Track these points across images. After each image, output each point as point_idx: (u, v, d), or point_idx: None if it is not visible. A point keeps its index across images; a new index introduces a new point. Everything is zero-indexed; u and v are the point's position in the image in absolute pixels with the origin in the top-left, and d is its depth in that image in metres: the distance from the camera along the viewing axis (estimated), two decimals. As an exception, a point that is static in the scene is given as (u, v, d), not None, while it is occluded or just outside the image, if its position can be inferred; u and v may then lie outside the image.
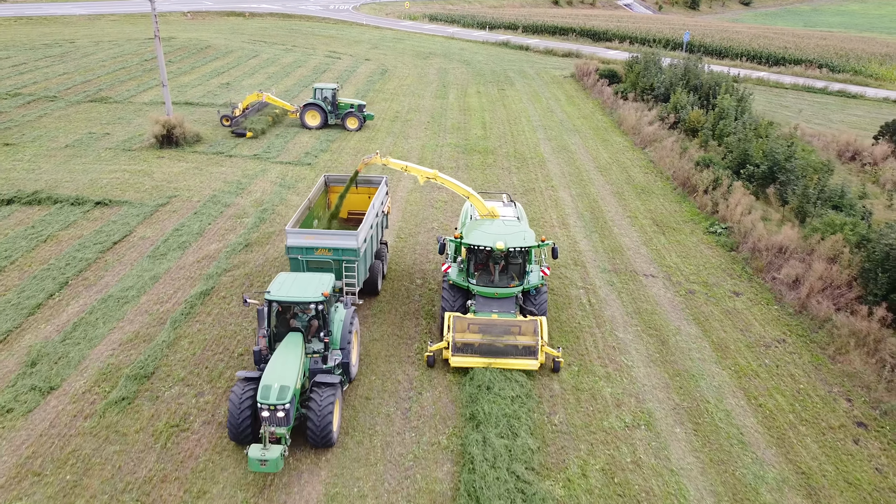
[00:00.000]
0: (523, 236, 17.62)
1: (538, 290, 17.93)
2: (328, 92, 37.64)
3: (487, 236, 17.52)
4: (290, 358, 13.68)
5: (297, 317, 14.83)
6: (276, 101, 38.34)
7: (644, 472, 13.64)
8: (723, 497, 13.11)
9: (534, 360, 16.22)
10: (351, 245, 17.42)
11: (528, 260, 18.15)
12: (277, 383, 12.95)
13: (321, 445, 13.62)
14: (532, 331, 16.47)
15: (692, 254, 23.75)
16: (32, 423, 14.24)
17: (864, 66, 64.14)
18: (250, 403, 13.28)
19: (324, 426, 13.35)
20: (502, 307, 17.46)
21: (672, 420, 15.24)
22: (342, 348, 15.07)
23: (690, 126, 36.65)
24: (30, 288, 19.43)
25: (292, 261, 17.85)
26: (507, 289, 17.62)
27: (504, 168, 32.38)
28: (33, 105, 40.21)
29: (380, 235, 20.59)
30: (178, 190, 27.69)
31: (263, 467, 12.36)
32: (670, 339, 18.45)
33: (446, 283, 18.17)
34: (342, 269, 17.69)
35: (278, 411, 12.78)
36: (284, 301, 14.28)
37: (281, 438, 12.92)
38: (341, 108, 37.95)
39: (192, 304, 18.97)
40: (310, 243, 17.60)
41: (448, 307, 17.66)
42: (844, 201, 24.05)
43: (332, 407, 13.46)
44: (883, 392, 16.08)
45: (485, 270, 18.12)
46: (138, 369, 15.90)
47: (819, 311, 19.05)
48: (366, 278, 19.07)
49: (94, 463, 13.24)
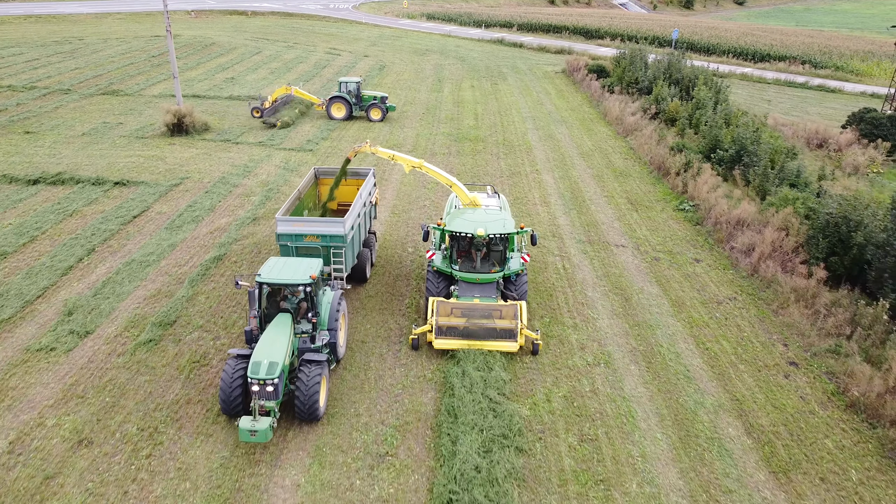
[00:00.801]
0: (503, 224, 18.44)
1: (518, 275, 18.77)
2: (352, 85, 39.97)
3: (469, 223, 18.33)
4: (279, 336, 14.33)
5: (286, 299, 15.48)
6: (303, 95, 40.76)
7: (600, 399, 15.88)
8: (666, 417, 15.36)
9: (513, 342, 17.02)
10: (338, 232, 18.09)
11: (510, 247, 19.06)
12: (267, 359, 13.62)
13: (308, 419, 14.34)
14: (512, 315, 17.22)
15: (661, 228, 26.01)
16: (73, 360, 16.48)
17: (847, 62, 66.42)
18: (241, 379, 14.00)
19: (311, 401, 14.03)
20: (484, 292, 18.16)
21: (628, 360, 17.48)
22: (330, 329, 15.77)
23: (670, 116, 38.91)
24: (61, 254, 21.67)
25: (282, 247, 18.46)
26: (489, 274, 18.34)
27: (493, 154, 34.63)
28: (49, 97, 42.43)
29: (368, 225, 21.28)
30: (189, 172, 29.93)
31: (253, 437, 13.06)
32: (633, 297, 20.69)
33: (430, 270, 18.90)
34: (330, 255, 18.37)
35: (267, 386, 13.47)
36: (274, 283, 14.92)
37: (270, 411, 13.60)
38: (365, 100, 40.28)
39: (207, 267, 21.21)
40: (299, 230, 18.23)
41: (432, 293, 18.37)
42: (800, 180, 26.28)
43: (319, 383, 14.14)
44: (815, 337, 18.33)
45: (467, 257, 18.87)
46: (162, 318, 18.15)
47: (767, 273, 21.31)
48: (354, 265, 19.76)
49: (128, 389, 15.48)
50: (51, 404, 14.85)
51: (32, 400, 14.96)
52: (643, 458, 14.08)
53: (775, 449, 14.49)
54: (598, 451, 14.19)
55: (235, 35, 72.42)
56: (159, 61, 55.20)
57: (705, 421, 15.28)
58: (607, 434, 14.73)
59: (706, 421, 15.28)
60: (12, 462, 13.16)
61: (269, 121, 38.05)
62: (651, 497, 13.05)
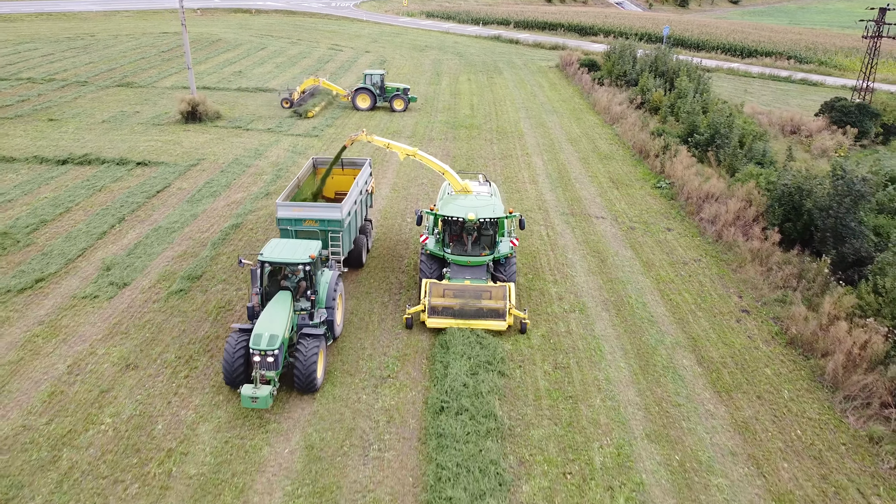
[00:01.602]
0: (493, 209, 19.29)
1: (508, 259, 19.64)
2: (377, 77, 42.50)
3: (460, 208, 19.20)
4: (279, 311, 15.11)
5: (287, 278, 16.34)
6: (330, 86, 43.35)
7: (573, 337, 18.30)
8: (629, 352, 17.77)
9: (502, 321, 17.86)
10: (335, 216, 18.91)
11: (500, 232, 20.10)
12: (268, 332, 14.41)
13: (306, 390, 15.15)
14: (501, 296, 18.02)
15: (638, 202, 28.43)
16: (114, 305, 18.89)
17: (831, 58, 68.83)
18: (243, 351, 14.83)
19: (308, 372, 14.82)
20: (474, 274, 19.01)
21: (600, 308, 19.90)
22: (328, 307, 16.59)
23: (653, 105, 41.33)
24: (95, 222, 24.08)
25: (283, 231, 19.24)
26: (479, 257, 19.19)
27: (486, 140, 37.06)
28: (67, 89, 44.85)
29: (364, 213, 22.07)
30: (205, 155, 32.35)
31: (254, 404, 13.92)
32: (609, 259, 23.11)
33: (424, 253, 19.69)
34: (328, 239, 19.10)
35: (268, 356, 14.30)
36: (276, 262, 15.72)
37: (270, 381, 14.46)
38: (388, 92, 42.79)
39: (227, 233, 23.63)
40: (298, 215, 19.02)
41: (426, 275, 19.17)
42: (766, 159, 28.70)
43: (317, 355, 14.95)
44: (766, 290, 20.75)
45: (459, 241, 19.74)
46: (189, 272, 20.57)
47: (730, 238, 23.74)
48: (351, 249, 20.47)
49: (164, 327, 17.90)
50: (99, 338, 17.27)
51: (83, 335, 17.38)
52: (607, 381, 16.49)
53: (721, 375, 16.91)
54: (569, 376, 16.61)
55: (241, 32, 74.86)
56: (169, 56, 57.64)
57: (663, 354, 17.69)
58: (577, 363, 17.14)
59: (664, 354, 17.70)
60: (72, 380, 15.58)
61: (298, 110, 40.63)
62: (611, 409, 15.46)
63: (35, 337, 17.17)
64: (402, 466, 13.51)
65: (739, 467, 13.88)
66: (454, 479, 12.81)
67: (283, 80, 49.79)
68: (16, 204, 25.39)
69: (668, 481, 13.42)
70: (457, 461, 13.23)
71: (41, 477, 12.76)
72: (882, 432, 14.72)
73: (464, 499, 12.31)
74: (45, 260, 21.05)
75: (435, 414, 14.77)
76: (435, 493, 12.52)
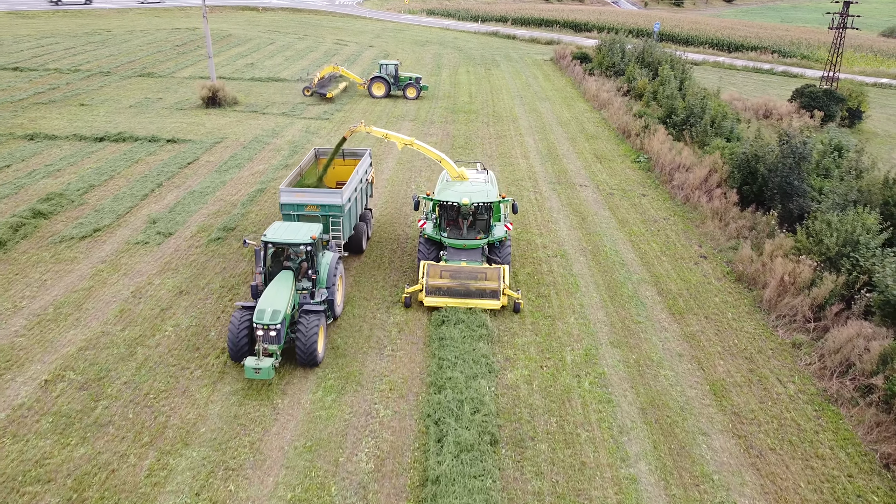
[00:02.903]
0: (486, 194, 20.15)
1: (502, 242, 20.47)
2: (391, 67, 45.80)
3: (456, 194, 20.09)
4: (282, 289, 15.81)
5: (289, 259, 17.08)
6: (348, 74, 46.69)
7: (553, 275, 21.55)
8: (601, 286, 21.02)
9: (496, 301, 18.71)
10: (336, 202, 19.63)
11: (494, 217, 20.96)
12: (271, 307, 15.12)
13: (308, 365, 15.85)
14: (496, 277, 18.84)
15: (618, 173, 31.71)
16: (162, 249, 22.14)
17: (813, 52, 72.08)
18: (247, 327, 15.47)
19: (310, 346, 15.47)
20: (470, 257, 19.90)
21: (578, 254, 23.16)
22: (328, 287, 17.25)
23: (638, 92, 44.60)
24: (136, 187, 27.32)
25: (285, 216, 19.97)
26: (475, 241, 20.07)
27: (483, 122, 40.34)
28: (92, 79, 48.08)
29: (364, 201, 22.69)
30: (227, 134, 35.61)
31: (257, 375, 14.72)
32: (588, 217, 26.37)
33: (422, 237, 20.64)
34: (329, 224, 19.84)
35: (271, 330, 14.96)
36: (278, 243, 16.37)
37: (272, 354, 15.17)
38: (402, 81, 46.07)
39: (253, 196, 26.87)
40: (301, 200, 19.72)
41: (423, 257, 20.13)
42: (733, 135, 31.97)
43: (318, 331, 15.61)
44: (722, 240, 24.03)
45: (455, 225, 20.66)
46: (224, 225, 23.81)
47: (695, 200, 27.00)
48: (351, 235, 21.21)
49: (207, 265, 21.14)
50: (154, 273, 20.53)
51: (140, 271, 20.63)
52: (581, 306, 19.74)
53: (677, 302, 20.17)
54: (549, 302, 19.86)
55: (249, 28, 78.14)
56: (183, 50, 60.92)
57: (629, 288, 20.95)
58: (556, 293, 20.40)
59: (630, 287, 20.95)
60: (137, 301, 18.83)
61: (319, 92, 44.05)
62: (582, 325, 18.72)
63: (100, 272, 20.44)
64: (412, 361, 16.76)
65: (684, 364, 17.13)
66: (453, 366, 16.07)
67: (293, 71, 53.08)
68: (64, 172, 28.64)
69: (624, 372, 16.68)
70: (455, 355, 16.49)
71: (123, 365, 16.02)
72: (803, 340, 17.99)
73: (460, 379, 15.55)
74: (98, 215, 24.30)
75: (437, 326, 18.03)
76: (437, 376, 15.78)
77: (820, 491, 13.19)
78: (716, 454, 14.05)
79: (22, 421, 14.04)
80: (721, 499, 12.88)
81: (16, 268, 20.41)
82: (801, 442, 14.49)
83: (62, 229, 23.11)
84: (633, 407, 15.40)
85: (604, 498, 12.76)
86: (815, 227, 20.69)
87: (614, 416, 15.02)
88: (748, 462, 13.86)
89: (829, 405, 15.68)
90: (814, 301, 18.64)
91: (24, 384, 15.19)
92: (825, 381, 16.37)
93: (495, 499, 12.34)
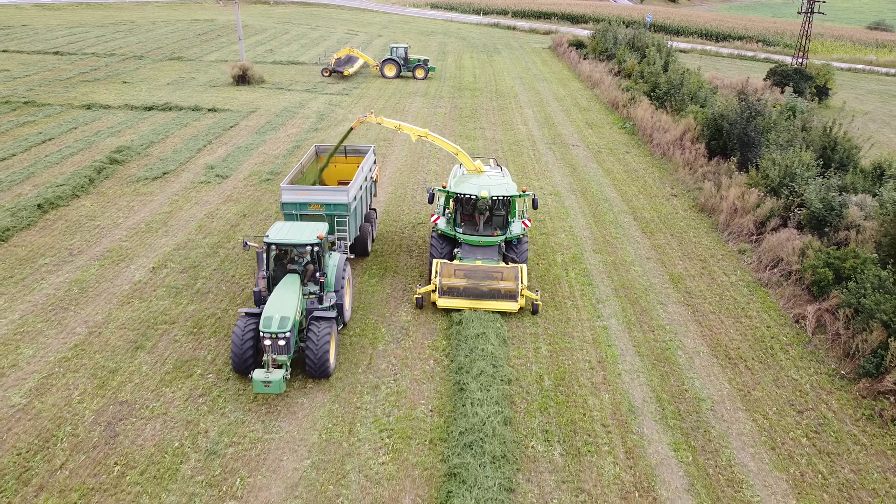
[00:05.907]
0: (506, 187, 19.04)
1: (520, 240, 19.36)
2: (401, 50, 50.30)
3: (473, 186, 18.86)
4: (288, 294, 14.46)
5: (294, 261, 15.66)
6: (362, 56, 51.13)
7: (548, 207, 25.99)
8: (587, 213, 25.47)
9: (514, 302, 17.57)
10: (342, 200, 18.29)
11: (511, 213, 19.74)
12: (278, 314, 13.75)
13: (319, 376, 14.47)
14: (513, 277, 17.71)
15: (606, 137, 36.20)
16: (223, 187, 26.59)
17: (796, 41, 76.47)
18: (252, 335, 14.15)
19: (321, 357, 14.18)
20: (486, 255, 18.73)
21: (569, 192, 27.62)
22: (336, 291, 15.85)
23: (627, 72, 49.05)
24: (190, 143, 31.76)
25: (287, 216, 18.61)
26: (491, 238, 18.89)
27: (487, 98, 44.81)
28: (127, 62, 52.53)
29: (369, 201, 21.51)
30: (259, 105, 40.07)
31: (267, 388, 13.32)
32: (579, 168, 30.85)
33: (435, 233, 19.33)
34: (334, 224, 18.56)
35: (279, 340, 13.60)
36: (282, 244, 15.04)
37: (282, 365, 13.82)
38: (411, 62, 50.58)
39: (291, 150, 31.33)
40: (304, 199, 18.37)
41: (436, 255, 18.89)
42: (707, 102, 36.45)
43: (329, 339, 14.29)
44: (691, 183, 28.53)
45: (470, 221, 19.54)
46: (271, 170, 28.28)
47: (670, 154, 31.49)
48: (356, 236, 19.92)
49: (262, 198, 25.59)
50: (220, 202, 24.98)
51: (207, 201, 25.07)
52: (570, 227, 24.19)
53: (649, 225, 24.65)
54: (544, 224, 24.31)
55: (263, 20, 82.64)
56: (206, 38, 65.41)
57: (611, 216, 25.41)
58: (550, 218, 24.86)
59: (611, 216, 25.41)
60: (210, 220, 23.27)
61: (338, 69, 48.72)
62: (570, 238, 23.16)
63: (176, 201, 24.90)
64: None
65: (651, 264, 21.59)
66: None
67: (310, 56, 57.54)
68: (125, 133, 33.09)
69: (603, 268, 21.14)
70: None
71: (210, 259, 20.47)
72: (747, 247, 22.47)
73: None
74: (164, 163, 28.75)
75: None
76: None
77: (744, 336, 17.64)
78: (669, 315, 18.51)
79: (143, 290, 18.52)
80: (670, 339, 17.34)
81: (106, 199, 24.90)
82: (735, 308, 18.97)
83: (136, 172, 27.60)
84: (608, 288, 19.86)
85: (583, 338, 17.22)
86: (763, 164, 25.15)
87: (593, 293, 19.48)
88: (693, 319, 18.33)
89: (760, 287, 20.16)
90: (757, 219, 23.11)
91: (137, 270, 19.66)
92: (760, 272, 20.85)
93: (502, 333, 16.79)
